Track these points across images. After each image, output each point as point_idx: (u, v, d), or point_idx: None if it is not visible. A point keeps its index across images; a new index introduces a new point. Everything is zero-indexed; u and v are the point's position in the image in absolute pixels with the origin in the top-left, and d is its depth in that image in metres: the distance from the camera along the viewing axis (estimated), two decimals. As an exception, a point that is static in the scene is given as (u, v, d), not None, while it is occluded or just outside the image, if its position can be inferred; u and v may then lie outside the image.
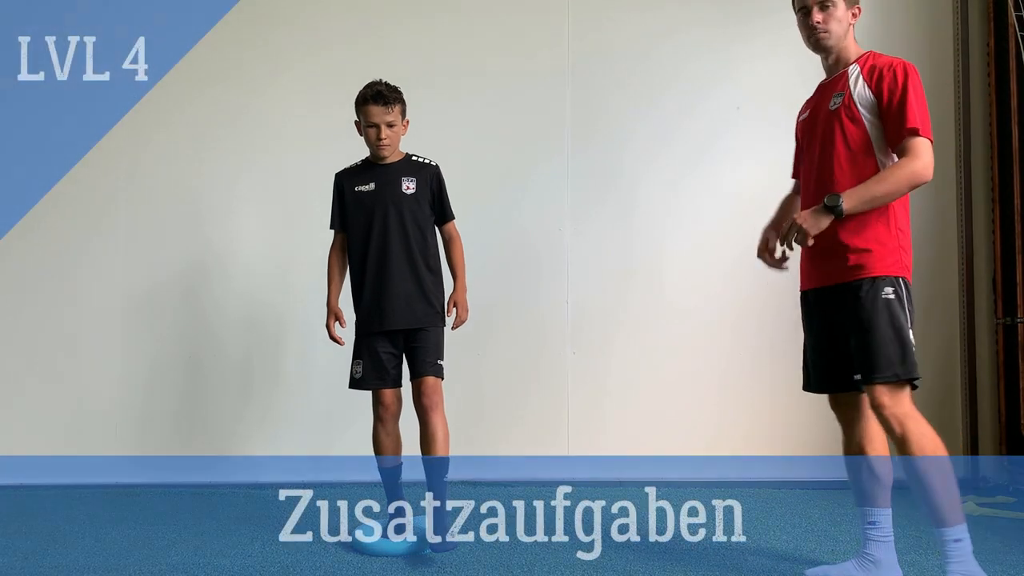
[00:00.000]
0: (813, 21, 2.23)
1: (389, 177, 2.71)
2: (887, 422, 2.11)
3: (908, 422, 2.09)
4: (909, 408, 2.11)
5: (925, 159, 2.09)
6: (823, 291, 2.26)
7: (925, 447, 2.08)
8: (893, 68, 2.15)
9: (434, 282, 2.73)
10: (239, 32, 3.95)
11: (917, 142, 2.10)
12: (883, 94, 2.14)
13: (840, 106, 2.19)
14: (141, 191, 3.90)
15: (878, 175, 2.14)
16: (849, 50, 2.26)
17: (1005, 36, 3.74)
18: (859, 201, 2.10)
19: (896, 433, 2.10)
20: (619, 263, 3.81)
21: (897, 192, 2.13)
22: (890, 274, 2.14)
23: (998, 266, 3.77)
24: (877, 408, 2.12)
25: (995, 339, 3.78)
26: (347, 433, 3.68)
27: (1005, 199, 3.75)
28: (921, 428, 2.09)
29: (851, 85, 2.20)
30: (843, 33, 2.24)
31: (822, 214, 2.11)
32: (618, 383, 3.80)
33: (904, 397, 2.11)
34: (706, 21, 3.90)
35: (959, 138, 3.83)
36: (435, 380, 2.66)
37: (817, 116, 2.28)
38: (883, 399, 2.10)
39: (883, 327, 2.11)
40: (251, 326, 3.85)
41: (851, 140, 2.17)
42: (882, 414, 2.11)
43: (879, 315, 2.11)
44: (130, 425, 3.81)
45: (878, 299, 2.12)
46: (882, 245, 2.15)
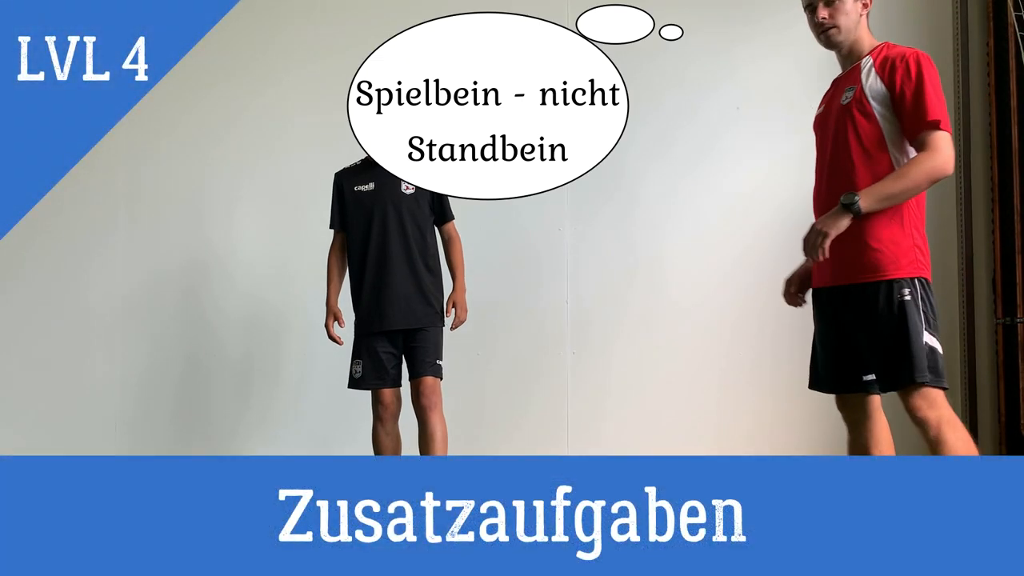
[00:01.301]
0: (819, 18, 2.15)
1: (389, 177, 2.70)
2: (922, 425, 2.07)
3: (944, 427, 2.04)
4: (944, 411, 2.07)
5: (946, 153, 2.04)
6: (836, 290, 2.20)
7: (959, 453, 2.04)
8: (906, 59, 2.08)
9: (433, 282, 2.74)
10: (239, 32, 3.95)
11: (938, 136, 2.04)
12: (896, 86, 2.07)
13: (852, 100, 2.13)
14: (141, 191, 3.90)
15: (896, 172, 2.07)
16: (862, 42, 2.19)
17: (1005, 36, 3.74)
18: (877, 199, 2.03)
19: (930, 436, 2.06)
20: (619, 263, 3.81)
21: (916, 189, 2.07)
22: (906, 276, 2.09)
23: (998, 266, 3.78)
24: (911, 411, 2.08)
25: (995, 339, 3.78)
26: (347, 433, 3.68)
27: (1005, 199, 3.75)
28: (958, 433, 2.05)
29: (863, 79, 2.13)
30: (853, 26, 2.16)
31: (840, 214, 2.05)
32: (618, 383, 3.80)
33: (938, 400, 2.07)
34: (706, 21, 3.89)
35: (959, 138, 3.83)
36: (434, 380, 2.66)
37: (830, 112, 2.23)
38: (916, 402, 2.06)
39: (902, 332, 2.06)
40: (251, 326, 3.85)
41: (864, 136, 2.11)
42: (916, 416, 2.08)
43: (894, 320, 2.06)
44: (130, 425, 3.81)
45: (893, 303, 2.07)
46: (896, 245, 2.09)
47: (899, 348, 2.06)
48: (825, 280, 2.24)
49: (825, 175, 2.23)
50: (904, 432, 3.69)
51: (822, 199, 2.22)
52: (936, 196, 3.83)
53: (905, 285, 2.08)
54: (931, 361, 2.07)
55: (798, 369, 3.78)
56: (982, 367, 3.78)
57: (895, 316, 2.07)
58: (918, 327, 2.07)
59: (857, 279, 2.13)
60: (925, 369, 2.06)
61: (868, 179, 2.10)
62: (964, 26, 3.86)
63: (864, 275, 2.11)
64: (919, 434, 2.59)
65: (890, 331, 2.07)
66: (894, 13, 3.89)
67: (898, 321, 2.06)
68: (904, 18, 3.89)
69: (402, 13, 3.96)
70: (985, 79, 3.86)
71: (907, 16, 3.89)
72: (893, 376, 2.09)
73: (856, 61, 2.19)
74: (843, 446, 4.04)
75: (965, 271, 3.79)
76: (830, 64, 3.83)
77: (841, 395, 2.31)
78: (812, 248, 2.09)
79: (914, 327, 2.06)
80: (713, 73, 3.86)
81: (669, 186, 3.87)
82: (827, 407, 2.47)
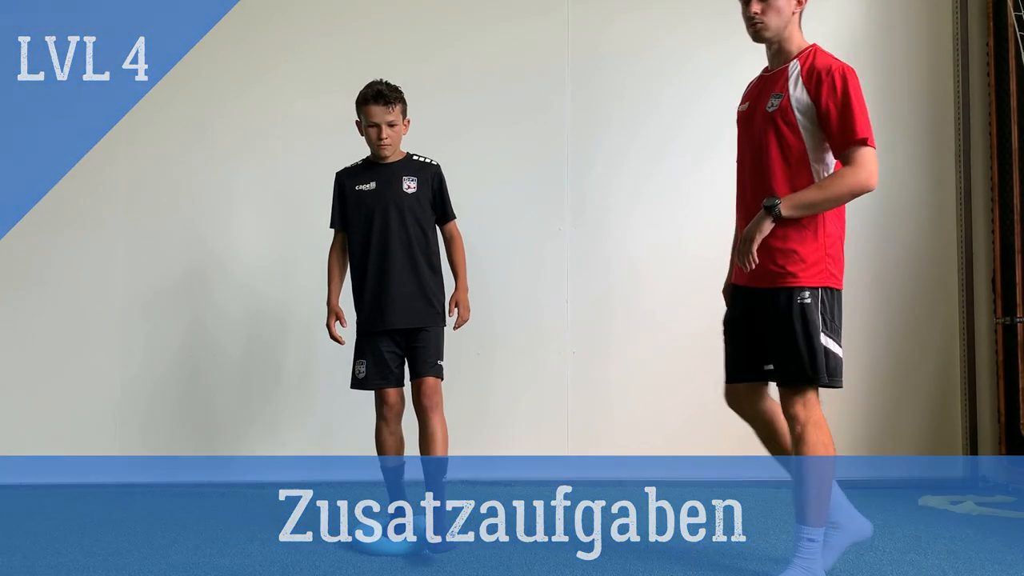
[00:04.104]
0: (751, 11, 2.19)
1: (390, 176, 2.71)
2: (790, 421, 2.19)
3: (809, 427, 2.16)
4: (814, 413, 2.17)
5: (870, 168, 2.10)
6: (752, 289, 2.30)
7: (818, 452, 2.15)
8: (832, 74, 2.12)
9: (435, 282, 2.73)
10: (239, 32, 3.95)
11: (864, 152, 2.10)
12: (821, 100, 2.12)
13: (777, 110, 2.18)
14: (141, 191, 3.90)
15: (820, 182, 2.15)
16: (792, 41, 2.23)
17: (1005, 36, 3.74)
18: (797, 205, 2.12)
19: (795, 433, 2.18)
20: (619, 263, 3.81)
21: (838, 201, 2.15)
22: (811, 285, 2.17)
23: (997, 266, 3.78)
24: (786, 406, 2.20)
25: (994, 339, 3.78)
26: (347, 433, 3.68)
27: (1005, 199, 3.75)
28: (820, 436, 2.16)
29: (790, 87, 2.17)
30: (783, 24, 2.20)
31: (762, 218, 2.14)
32: (618, 383, 3.80)
33: (811, 401, 2.18)
34: (705, 17, 3.88)
35: (958, 138, 3.83)
36: (435, 380, 2.65)
37: (754, 113, 2.28)
38: (793, 399, 2.18)
39: (794, 333, 2.15)
40: (251, 326, 3.85)
41: (786, 146, 2.17)
42: (787, 413, 2.20)
43: (793, 321, 2.16)
44: (130, 425, 3.81)
45: (793, 305, 2.16)
46: (808, 255, 2.17)
47: (796, 347, 2.16)
48: (744, 279, 2.33)
49: (748, 182, 2.31)
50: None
51: (747, 205, 2.29)
52: (936, 196, 3.84)
53: (808, 291, 2.17)
54: (827, 362, 2.16)
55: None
56: (982, 367, 3.78)
57: (795, 318, 2.16)
58: (816, 329, 2.16)
59: (769, 283, 2.22)
60: (820, 370, 2.15)
61: (787, 189, 2.18)
62: (964, 26, 3.86)
63: (774, 281, 2.20)
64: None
65: (789, 330, 2.16)
66: (895, 14, 3.90)
67: (797, 323, 2.16)
68: (904, 18, 3.89)
69: (402, 13, 3.98)
70: (985, 79, 3.86)
71: (907, 16, 3.89)
72: (789, 372, 2.19)
73: (785, 61, 2.23)
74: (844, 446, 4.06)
75: (965, 271, 3.79)
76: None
77: (733, 391, 2.39)
78: (743, 256, 2.19)
79: (813, 329, 2.15)
80: (713, 72, 3.81)
81: (669, 185, 3.86)
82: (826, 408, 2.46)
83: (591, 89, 3.90)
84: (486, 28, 3.94)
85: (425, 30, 3.94)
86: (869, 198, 3.78)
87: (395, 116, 2.66)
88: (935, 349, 3.78)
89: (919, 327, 3.80)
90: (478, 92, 3.88)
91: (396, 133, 2.69)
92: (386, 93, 2.64)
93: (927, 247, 3.82)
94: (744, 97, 2.40)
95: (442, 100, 3.82)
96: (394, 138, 2.69)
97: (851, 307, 3.78)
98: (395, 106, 2.66)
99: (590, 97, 3.90)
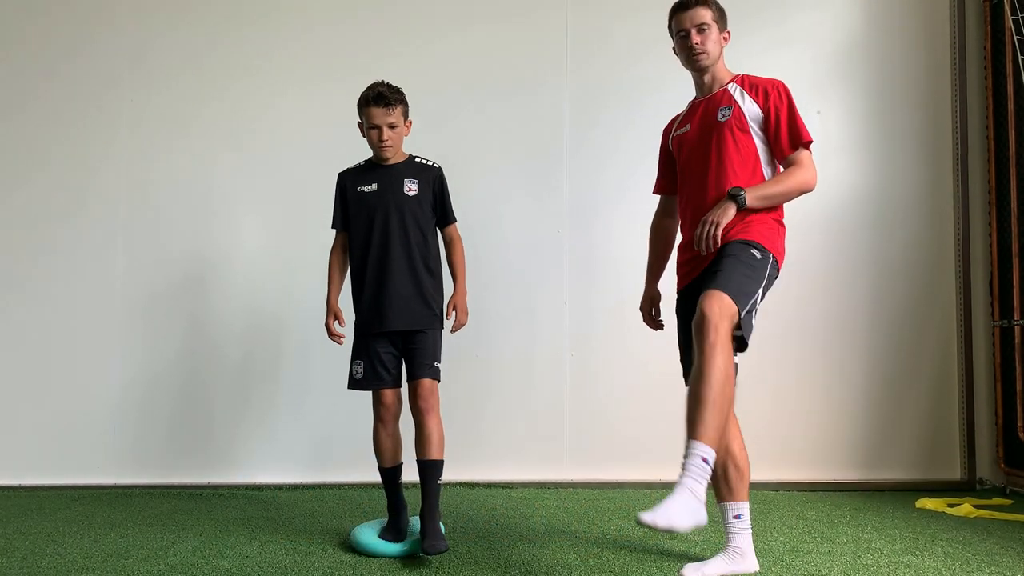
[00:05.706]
0: (692, 43, 2.39)
1: (391, 178, 2.72)
2: (703, 328, 2.04)
3: (719, 346, 2.02)
4: (727, 335, 2.04)
5: (814, 168, 2.32)
6: (697, 280, 2.34)
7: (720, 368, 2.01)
8: (776, 87, 2.35)
9: (434, 284, 2.73)
10: (239, 32, 3.96)
11: (806, 154, 2.32)
12: (771, 109, 2.32)
13: (731, 118, 2.34)
14: (141, 191, 3.91)
15: (776, 177, 2.31)
16: (722, 70, 2.44)
17: (1002, 40, 3.75)
18: (759, 196, 2.25)
19: (707, 342, 2.02)
20: (619, 264, 3.82)
21: (789, 195, 2.30)
22: (768, 248, 2.24)
23: (995, 269, 3.79)
24: (702, 314, 2.05)
25: (992, 341, 3.79)
26: (346, 434, 3.69)
27: (1002, 202, 3.76)
28: (727, 356, 2.03)
29: (738, 100, 2.36)
30: (718, 54, 2.42)
31: (727, 205, 2.23)
32: (618, 384, 3.80)
33: (730, 320, 2.06)
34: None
35: (956, 141, 3.85)
36: (431, 382, 2.66)
37: (705, 128, 2.38)
38: (712, 308, 2.05)
39: (738, 262, 2.17)
40: (251, 326, 3.85)
41: (742, 150, 2.32)
42: (701, 310, 2.06)
43: (739, 254, 2.18)
44: (129, 426, 3.81)
45: (744, 248, 2.20)
46: (767, 234, 2.27)
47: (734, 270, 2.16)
48: (689, 278, 2.41)
49: (711, 186, 2.33)
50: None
51: (708, 206, 2.32)
52: (933, 199, 3.85)
53: (760, 251, 2.22)
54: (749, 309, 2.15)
55: (798, 371, 3.80)
56: (979, 369, 3.80)
57: (742, 255, 2.19)
58: (757, 272, 2.19)
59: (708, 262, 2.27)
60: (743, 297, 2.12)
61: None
62: (962, 30, 3.88)
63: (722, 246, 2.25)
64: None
65: (734, 259, 2.18)
66: (893, 18, 3.91)
67: (743, 255, 2.19)
68: (903, 22, 3.91)
69: (402, 13, 3.98)
70: (982, 83, 3.88)
71: (906, 20, 3.91)
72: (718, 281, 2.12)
73: (720, 86, 2.42)
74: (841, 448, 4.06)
75: (962, 274, 3.81)
76: (828, 61, 3.86)
77: None
78: (706, 239, 2.20)
79: (754, 272, 2.18)
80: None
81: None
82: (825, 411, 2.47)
83: (591, 90, 3.91)
84: (487, 29, 3.95)
85: (427, 33, 3.95)
86: (867, 201, 3.86)
87: (396, 118, 2.66)
88: (932, 352, 3.80)
89: (917, 330, 3.81)
90: (478, 94, 3.89)
91: (397, 135, 2.69)
92: (387, 95, 2.64)
93: (924, 250, 3.84)
94: (681, 122, 2.53)
95: (443, 102, 3.83)
96: (395, 140, 2.69)
97: (849, 310, 3.84)
98: (396, 108, 2.66)
99: (590, 98, 3.91)
